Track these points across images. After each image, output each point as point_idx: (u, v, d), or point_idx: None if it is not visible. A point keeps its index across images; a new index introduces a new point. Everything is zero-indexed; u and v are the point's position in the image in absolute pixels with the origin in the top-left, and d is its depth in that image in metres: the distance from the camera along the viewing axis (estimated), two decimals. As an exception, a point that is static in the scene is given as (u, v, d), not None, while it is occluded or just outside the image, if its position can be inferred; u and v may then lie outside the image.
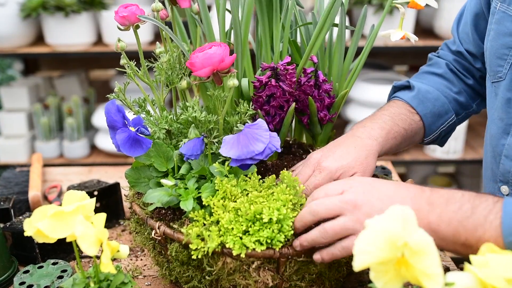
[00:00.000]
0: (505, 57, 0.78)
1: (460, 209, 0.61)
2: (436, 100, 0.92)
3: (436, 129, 0.94)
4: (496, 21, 0.79)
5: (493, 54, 0.80)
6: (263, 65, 0.82)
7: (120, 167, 1.32)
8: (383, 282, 0.50)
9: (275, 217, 0.66)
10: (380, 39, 1.96)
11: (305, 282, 0.70)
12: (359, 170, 0.77)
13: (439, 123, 0.93)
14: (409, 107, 0.91)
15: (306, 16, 0.95)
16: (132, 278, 0.79)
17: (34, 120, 2.23)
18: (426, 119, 0.91)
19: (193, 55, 0.75)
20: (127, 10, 0.78)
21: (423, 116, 0.91)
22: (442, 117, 0.93)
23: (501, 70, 0.79)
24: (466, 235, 0.60)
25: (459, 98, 0.95)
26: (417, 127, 0.91)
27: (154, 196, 0.74)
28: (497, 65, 0.80)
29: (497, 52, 0.79)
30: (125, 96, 0.82)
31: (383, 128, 0.84)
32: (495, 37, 0.80)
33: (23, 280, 0.76)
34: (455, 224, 0.61)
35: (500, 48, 0.79)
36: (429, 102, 0.92)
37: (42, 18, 2.04)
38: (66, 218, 0.57)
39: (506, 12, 0.78)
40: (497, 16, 0.79)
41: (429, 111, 0.91)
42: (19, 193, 1.06)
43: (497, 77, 0.80)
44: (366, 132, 0.83)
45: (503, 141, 0.81)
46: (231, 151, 0.71)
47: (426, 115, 0.91)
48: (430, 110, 0.91)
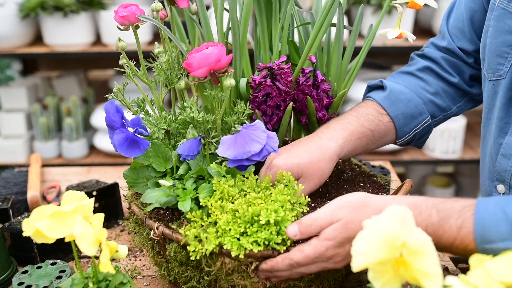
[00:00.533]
0: (505, 55, 0.77)
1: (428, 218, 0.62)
2: (409, 101, 0.89)
3: (409, 131, 0.90)
4: (495, 18, 0.78)
5: (492, 52, 0.79)
6: (260, 66, 0.82)
7: (119, 167, 1.32)
8: (382, 282, 0.50)
9: (273, 219, 0.66)
10: (379, 39, 1.96)
11: (303, 282, 0.70)
12: (307, 173, 0.77)
13: (412, 125, 0.90)
14: (380, 107, 0.88)
15: (304, 16, 0.95)
16: (131, 278, 0.79)
17: (32, 120, 2.23)
18: (397, 121, 0.88)
19: (190, 55, 0.75)
20: (127, 10, 0.78)
21: (394, 118, 0.88)
22: (416, 119, 0.90)
23: (501, 68, 0.78)
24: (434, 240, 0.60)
25: (435, 99, 0.92)
26: (386, 129, 0.88)
27: (152, 197, 0.74)
28: (496, 63, 0.78)
29: (497, 50, 0.78)
30: (124, 96, 0.82)
31: (346, 129, 0.83)
32: (495, 35, 0.78)
33: (22, 280, 0.76)
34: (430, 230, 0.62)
35: (500, 46, 0.77)
36: (401, 103, 0.88)
37: (41, 18, 2.04)
38: (64, 218, 0.57)
39: (506, 9, 0.76)
40: (496, 12, 0.78)
41: (400, 113, 0.88)
42: (18, 193, 1.06)
43: (497, 75, 0.79)
44: (328, 133, 0.82)
45: (500, 140, 0.80)
46: (228, 151, 0.71)
47: (398, 117, 0.88)
48: (402, 112, 0.88)
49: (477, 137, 2.36)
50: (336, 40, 0.88)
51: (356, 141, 0.83)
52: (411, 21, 2.02)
